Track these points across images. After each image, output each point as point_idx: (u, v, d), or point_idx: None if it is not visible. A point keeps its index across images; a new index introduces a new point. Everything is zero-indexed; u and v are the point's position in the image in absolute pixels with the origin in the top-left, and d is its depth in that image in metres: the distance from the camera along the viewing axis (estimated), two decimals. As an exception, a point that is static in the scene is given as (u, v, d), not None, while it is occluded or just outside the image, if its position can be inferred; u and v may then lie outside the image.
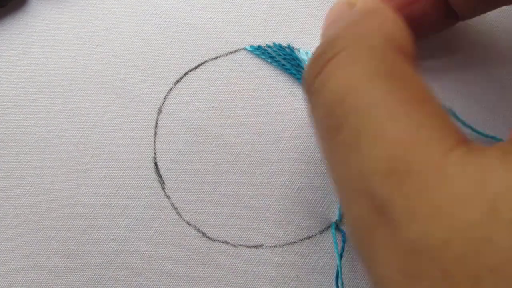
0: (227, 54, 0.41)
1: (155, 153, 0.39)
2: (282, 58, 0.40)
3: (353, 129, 0.24)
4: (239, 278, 0.36)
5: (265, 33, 0.41)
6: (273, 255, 0.37)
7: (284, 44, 0.40)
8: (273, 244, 0.37)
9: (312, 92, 0.27)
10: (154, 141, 0.39)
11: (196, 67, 0.40)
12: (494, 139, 0.38)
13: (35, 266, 0.37)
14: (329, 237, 0.37)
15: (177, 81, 0.40)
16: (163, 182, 0.38)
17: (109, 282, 0.37)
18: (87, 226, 0.38)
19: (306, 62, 0.40)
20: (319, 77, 0.26)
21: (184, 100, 0.40)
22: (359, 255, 0.29)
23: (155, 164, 0.39)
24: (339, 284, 0.36)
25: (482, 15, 0.37)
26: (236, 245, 0.37)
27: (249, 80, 0.40)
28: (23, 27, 0.41)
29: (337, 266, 0.36)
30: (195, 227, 0.37)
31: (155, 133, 0.39)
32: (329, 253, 0.37)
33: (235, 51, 0.41)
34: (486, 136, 0.38)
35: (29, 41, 0.41)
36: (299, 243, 0.37)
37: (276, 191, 0.38)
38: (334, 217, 0.37)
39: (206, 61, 0.40)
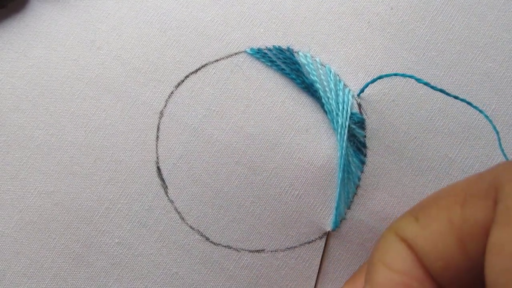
0: (227, 57, 0.41)
1: (157, 157, 0.39)
2: (282, 62, 0.40)
3: None
4: (242, 281, 0.37)
5: (265, 35, 0.41)
6: (275, 259, 0.38)
7: (284, 46, 0.41)
8: (274, 249, 0.38)
9: None
10: (156, 145, 0.39)
11: (197, 70, 0.41)
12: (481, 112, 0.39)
13: (40, 268, 0.38)
14: (329, 242, 0.38)
15: (178, 84, 0.40)
16: (166, 186, 0.39)
17: (114, 285, 0.37)
18: (92, 229, 0.38)
19: (306, 66, 0.40)
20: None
21: (186, 103, 0.40)
22: None
23: (158, 168, 0.39)
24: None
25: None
26: (238, 249, 0.38)
27: (249, 83, 0.40)
28: (23, 28, 0.41)
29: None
30: (198, 231, 0.38)
31: (157, 136, 0.39)
32: (328, 257, 0.38)
33: (236, 53, 0.41)
34: (476, 107, 0.38)
35: (30, 43, 0.40)
36: (299, 247, 0.38)
37: (276, 197, 0.38)
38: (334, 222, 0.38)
39: (206, 64, 0.41)
